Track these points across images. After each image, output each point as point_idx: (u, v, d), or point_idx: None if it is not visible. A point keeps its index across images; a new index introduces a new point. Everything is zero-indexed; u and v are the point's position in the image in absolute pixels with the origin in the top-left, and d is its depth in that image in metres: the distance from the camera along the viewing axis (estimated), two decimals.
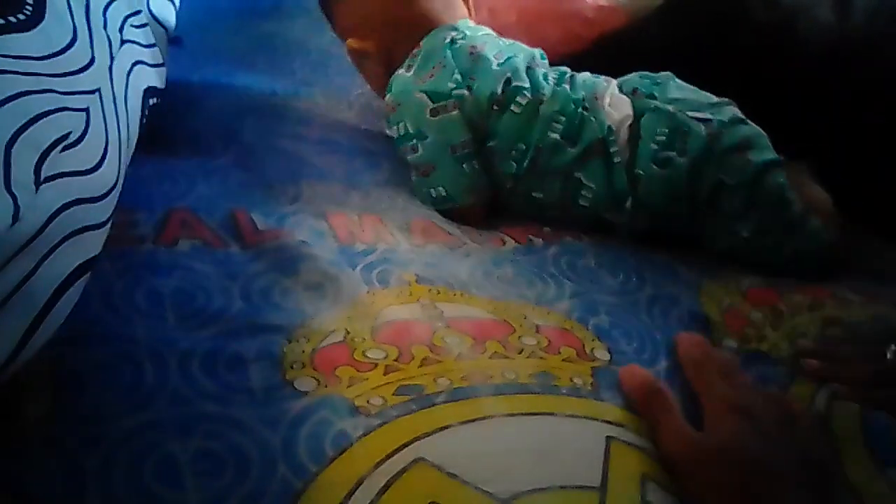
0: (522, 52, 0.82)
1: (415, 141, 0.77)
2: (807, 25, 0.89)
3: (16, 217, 0.42)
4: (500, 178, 0.78)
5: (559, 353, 0.59)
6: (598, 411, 0.54)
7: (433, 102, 0.76)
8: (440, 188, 0.76)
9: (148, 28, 0.71)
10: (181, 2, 0.89)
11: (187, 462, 0.46)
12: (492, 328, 0.60)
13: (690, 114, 0.75)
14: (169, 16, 0.81)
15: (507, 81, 0.77)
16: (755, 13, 0.88)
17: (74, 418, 0.48)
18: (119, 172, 0.56)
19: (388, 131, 0.81)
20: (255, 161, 0.75)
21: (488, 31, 0.86)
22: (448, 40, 0.80)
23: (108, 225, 0.54)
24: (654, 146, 0.74)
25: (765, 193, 0.73)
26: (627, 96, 0.79)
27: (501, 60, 0.79)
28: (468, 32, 0.82)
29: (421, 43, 0.81)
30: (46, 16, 0.58)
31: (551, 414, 0.53)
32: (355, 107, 0.91)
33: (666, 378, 0.58)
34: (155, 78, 0.69)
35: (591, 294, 0.67)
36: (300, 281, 0.62)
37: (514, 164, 0.77)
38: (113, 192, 0.54)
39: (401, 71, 0.80)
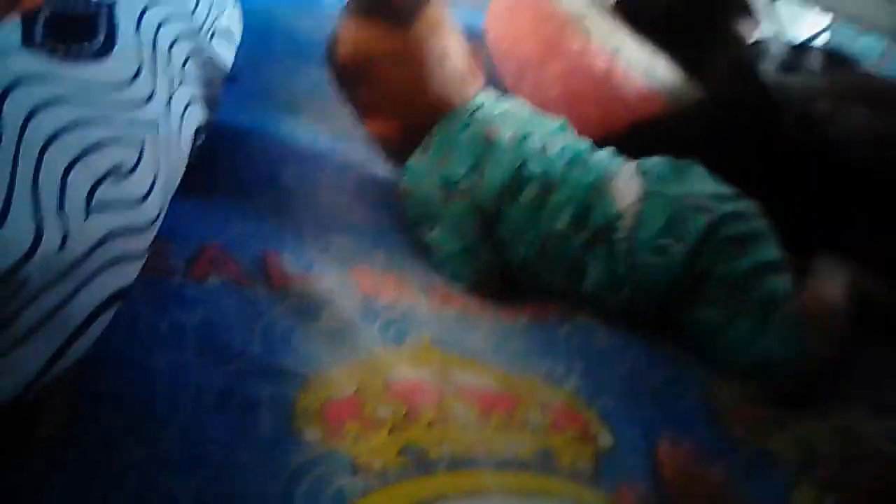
0: (542, 127, 0.82)
1: (429, 223, 0.79)
2: (841, 130, 0.91)
3: (63, 242, 0.44)
4: (510, 262, 0.79)
5: (564, 432, 0.59)
6: (591, 499, 0.54)
7: (445, 189, 0.78)
8: (455, 268, 0.77)
9: (208, 68, 0.74)
10: (241, 40, 0.93)
11: (187, 502, 0.47)
12: (498, 400, 0.61)
13: (695, 202, 0.75)
14: (229, 56, 0.84)
15: (519, 168, 0.77)
16: (795, 114, 0.90)
17: (84, 442, 0.49)
18: (162, 207, 0.58)
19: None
20: (290, 207, 0.77)
21: (511, 103, 0.87)
22: (462, 125, 0.81)
23: (145, 256, 0.56)
24: (652, 234, 0.74)
25: (748, 288, 0.72)
26: (641, 178, 0.79)
27: (516, 143, 0.79)
28: (485, 112, 0.83)
29: (436, 128, 0.82)
30: (116, 47, 0.61)
31: (548, 495, 0.53)
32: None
33: None
34: (205, 117, 0.72)
35: (599, 375, 0.67)
36: (320, 328, 0.64)
37: (523, 250, 0.77)
38: (154, 225, 0.56)
39: (416, 156, 0.81)
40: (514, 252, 0.78)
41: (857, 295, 0.75)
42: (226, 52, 0.84)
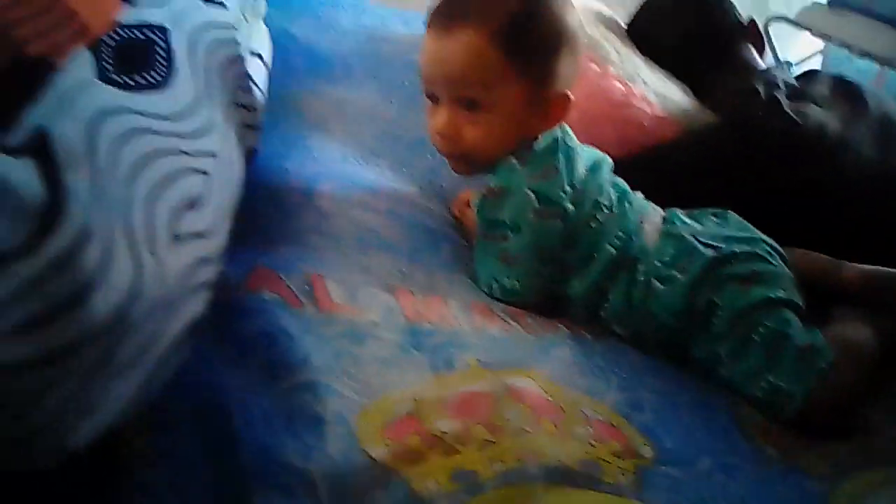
0: (604, 163, 0.86)
1: (507, 231, 0.80)
2: (851, 158, 0.95)
3: (160, 278, 0.45)
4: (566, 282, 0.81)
5: (608, 444, 0.62)
6: None
7: (539, 204, 0.79)
8: (515, 282, 0.79)
9: (253, 92, 0.76)
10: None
11: None
12: (548, 408, 0.63)
13: (703, 240, 0.80)
14: (265, 78, 0.86)
15: (595, 203, 0.81)
16: (808, 141, 0.94)
17: (165, 463, 0.51)
18: (227, 234, 0.60)
19: (474, 207, 0.83)
20: (329, 226, 0.79)
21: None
22: (564, 144, 0.82)
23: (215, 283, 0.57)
24: (659, 264, 0.79)
25: (754, 323, 0.76)
26: (664, 218, 0.85)
27: (591, 175, 0.83)
28: (571, 138, 0.85)
29: (540, 138, 0.82)
30: (175, 75, 0.62)
31: None
32: (418, 181, 0.95)
33: (708, 477, 0.61)
34: (255, 140, 0.73)
35: (636, 390, 0.71)
36: (369, 354, 0.65)
37: (582, 275, 0.80)
38: (221, 253, 0.58)
39: (513, 161, 0.80)
40: (577, 273, 0.81)
41: (882, 336, 0.78)
42: (262, 74, 0.86)
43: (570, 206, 0.79)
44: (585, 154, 0.85)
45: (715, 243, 0.80)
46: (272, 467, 0.53)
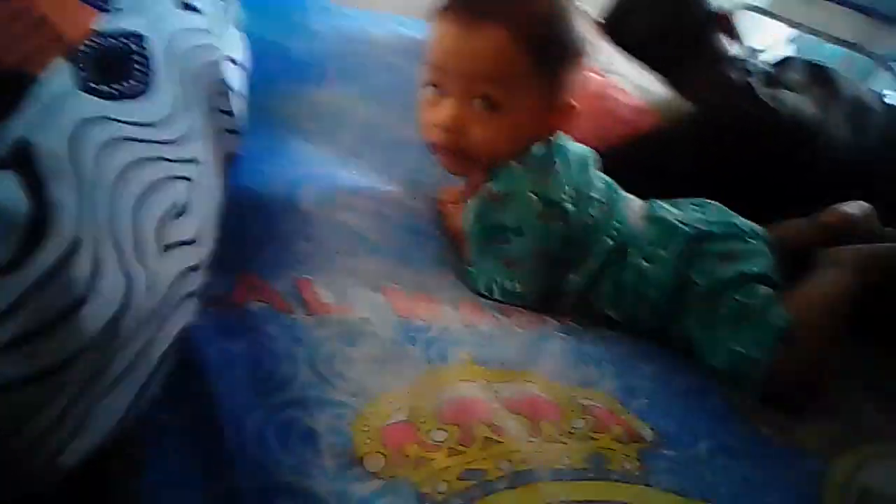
0: (590, 158, 0.86)
1: (510, 234, 0.80)
2: (826, 141, 0.96)
3: (149, 288, 0.44)
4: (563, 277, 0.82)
5: (610, 431, 0.62)
6: (648, 499, 0.57)
7: (543, 207, 0.79)
8: (516, 284, 0.79)
9: (232, 97, 0.75)
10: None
11: None
12: (545, 408, 0.64)
13: (683, 221, 0.82)
14: (243, 85, 0.85)
15: (589, 198, 0.82)
16: (783, 126, 0.95)
17: (156, 481, 0.50)
18: (213, 241, 0.59)
19: (471, 211, 0.82)
20: (313, 230, 0.78)
21: None
22: (558, 145, 0.83)
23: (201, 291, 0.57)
24: (646, 245, 0.81)
25: (727, 298, 0.77)
26: (647, 205, 0.86)
27: (581, 169, 0.83)
28: (563, 137, 0.85)
29: (536, 146, 0.82)
30: (153, 83, 0.61)
31: (606, 502, 0.56)
32: (400, 180, 0.94)
33: (709, 459, 0.62)
34: (235, 145, 0.72)
35: (630, 378, 0.71)
36: (363, 353, 0.64)
37: (580, 270, 0.81)
38: (209, 259, 0.57)
39: (515, 165, 0.80)
40: (576, 272, 0.81)
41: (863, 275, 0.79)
42: (239, 79, 0.85)
43: (570, 207, 0.80)
44: (574, 151, 0.85)
45: (694, 224, 0.82)
46: (268, 486, 0.52)
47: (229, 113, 0.74)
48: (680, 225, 0.82)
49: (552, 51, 0.79)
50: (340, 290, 0.71)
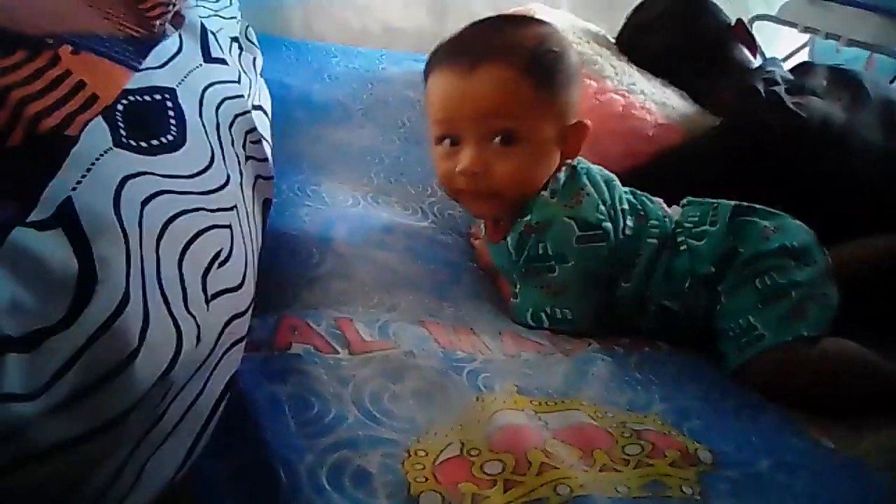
0: (614, 178, 0.87)
1: (553, 263, 0.80)
2: (858, 145, 0.95)
3: (199, 337, 0.44)
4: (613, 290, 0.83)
5: (665, 456, 0.61)
6: None
7: (581, 230, 0.79)
8: (566, 311, 0.79)
9: (262, 143, 0.76)
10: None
11: None
12: (596, 436, 0.62)
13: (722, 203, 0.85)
14: (269, 133, 0.86)
15: (627, 209, 0.84)
16: (813, 133, 0.94)
17: None
18: (254, 286, 0.59)
19: (510, 248, 0.83)
20: (351, 269, 0.79)
21: None
22: (581, 168, 0.84)
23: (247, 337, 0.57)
24: (689, 225, 0.84)
25: (763, 271, 0.79)
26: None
27: (609, 187, 0.84)
28: (585, 160, 0.86)
29: (562, 168, 0.83)
30: (188, 135, 0.62)
31: None
32: (429, 215, 0.95)
33: (770, 478, 0.60)
34: (269, 191, 0.73)
35: (679, 399, 0.69)
36: (409, 388, 0.64)
37: (634, 279, 0.82)
38: (252, 304, 0.57)
39: (546, 195, 0.81)
40: (625, 281, 0.83)
41: None
42: (266, 126, 0.86)
43: (608, 225, 0.80)
44: (597, 170, 0.86)
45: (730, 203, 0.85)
46: None
47: (261, 159, 0.75)
48: (720, 201, 0.85)
49: (552, 76, 0.80)
50: (381, 327, 0.71)
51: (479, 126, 0.79)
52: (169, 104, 0.63)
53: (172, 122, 0.62)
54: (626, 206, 0.84)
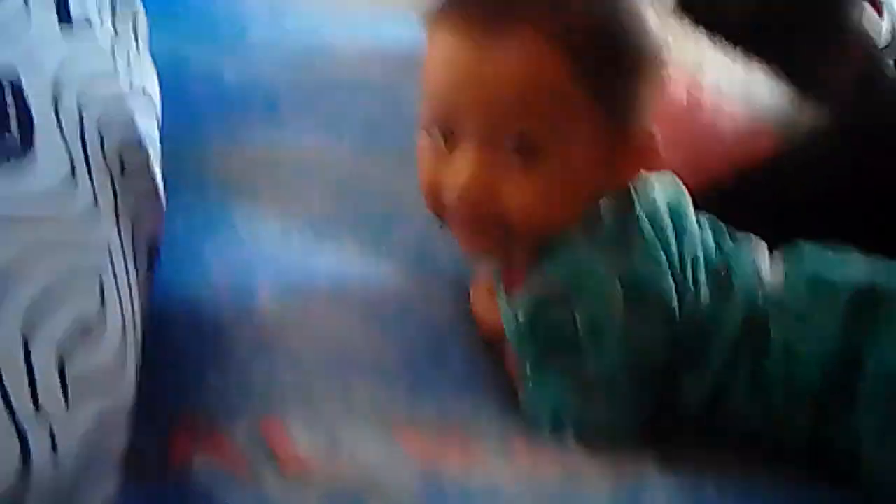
0: (682, 197, 0.86)
1: (584, 341, 0.78)
2: None
3: (53, 448, 0.44)
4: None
5: None
6: None
7: (628, 294, 0.77)
8: (601, 412, 0.79)
9: (146, 149, 0.78)
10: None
11: None
12: None
13: (840, 270, 0.83)
14: (153, 127, 0.87)
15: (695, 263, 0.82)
16: None
17: None
18: (137, 369, 0.59)
19: (519, 315, 0.81)
20: (280, 345, 0.79)
21: None
22: (640, 197, 0.81)
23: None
24: (794, 313, 0.81)
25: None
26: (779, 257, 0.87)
27: (674, 218, 0.82)
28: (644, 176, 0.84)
29: (603, 200, 0.80)
30: (36, 138, 0.61)
31: None
32: (399, 254, 0.94)
33: None
34: (157, 224, 0.74)
35: None
36: None
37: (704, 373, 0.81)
38: (134, 403, 0.57)
39: (577, 236, 0.79)
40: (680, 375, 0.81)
41: None
42: (150, 124, 0.86)
43: (669, 285, 0.79)
44: (662, 198, 0.84)
45: (853, 272, 0.82)
46: None
47: (148, 176, 0.75)
48: (838, 279, 0.81)
49: (608, 57, 0.79)
50: (328, 434, 0.70)
51: (489, 120, 0.77)
52: (10, 95, 0.62)
53: (15, 120, 0.61)
54: (699, 252, 0.82)
